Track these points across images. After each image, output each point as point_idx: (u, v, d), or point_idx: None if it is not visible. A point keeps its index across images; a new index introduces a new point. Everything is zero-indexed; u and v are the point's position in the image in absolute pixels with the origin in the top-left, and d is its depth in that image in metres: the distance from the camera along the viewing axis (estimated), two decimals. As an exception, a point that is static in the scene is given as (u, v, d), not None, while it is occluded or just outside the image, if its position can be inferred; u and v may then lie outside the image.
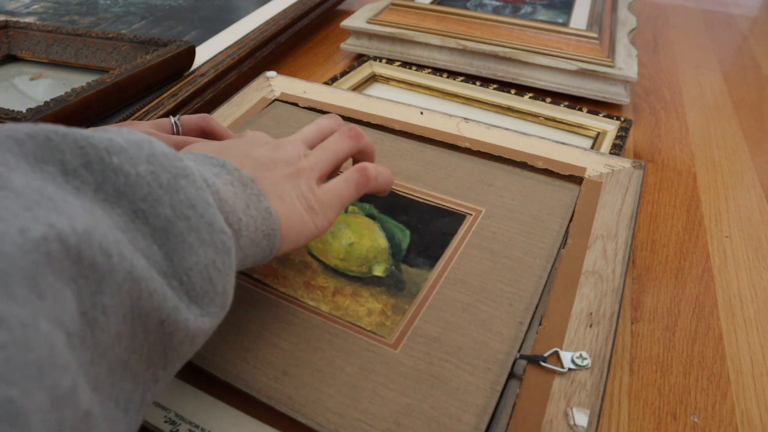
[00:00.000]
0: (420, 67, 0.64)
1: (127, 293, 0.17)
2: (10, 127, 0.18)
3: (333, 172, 0.33)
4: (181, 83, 0.54)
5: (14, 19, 0.64)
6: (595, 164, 0.42)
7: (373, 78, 0.64)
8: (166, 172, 0.21)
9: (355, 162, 0.35)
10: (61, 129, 0.19)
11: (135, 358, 0.18)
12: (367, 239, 0.36)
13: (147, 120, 0.48)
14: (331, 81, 0.59)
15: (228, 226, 0.22)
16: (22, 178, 0.16)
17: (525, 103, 0.58)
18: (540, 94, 0.59)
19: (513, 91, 0.59)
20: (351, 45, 0.70)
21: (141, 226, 0.20)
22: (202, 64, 0.58)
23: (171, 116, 0.38)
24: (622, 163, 0.42)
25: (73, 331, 0.15)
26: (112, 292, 0.17)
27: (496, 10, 0.71)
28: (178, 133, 0.38)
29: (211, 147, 0.29)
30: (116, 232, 0.18)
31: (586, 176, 0.41)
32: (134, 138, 0.21)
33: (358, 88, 0.60)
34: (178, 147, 0.36)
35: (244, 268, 0.25)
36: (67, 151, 0.19)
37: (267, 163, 0.28)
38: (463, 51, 0.64)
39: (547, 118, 0.56)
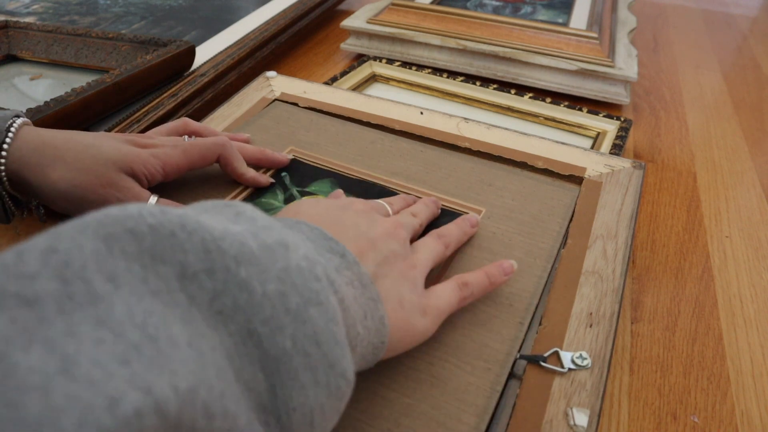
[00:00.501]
0: (420, 67, 0.64)
1: None
2: (133, 212, 0.16)
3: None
4: (181, 83, 0.54)
5: (14, 19, 0.64)
6: (595, 164, 0.42)
7: (373, 78, 0.64)
8: (297, 296, 0.18)
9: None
10: (190, 223, 0.17)
11: None
12: (367, 239, 0.36)
13: (145, 121, 0.48)
14: (331, 81, 0.59)
15: (349, 366, 0.19)
16: (126, 302, 0.14)
17: (525, 103, 0.58)
18: (540, 94, 0.59)
19: (513, 91, 0.59)
20: (351, 45, 0.70)
21: (252, 349, 0.17)
22: (202, 64, 0.58)
23: (186, 136, 0.39)
24: (622, 163, 0.42)
25: None
26: None
27: (496, 10, 0.71)
28: None
29: (321, 212, 0.27)
30: (223, 375, 0.16)
31: (586, 176, 0.41)
32: (269, 240, 0.19)
33: (358, 88, 0.60)
34: (193, 154, 0.37)
35: None
36: (191, 251, 0.17)
37: (388, 255, 0.26)
38: (463, 51, 0.64)
39: (547, 118, 0.56)
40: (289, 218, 0.24)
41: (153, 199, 0.34)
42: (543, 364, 0.28)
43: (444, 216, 0.37)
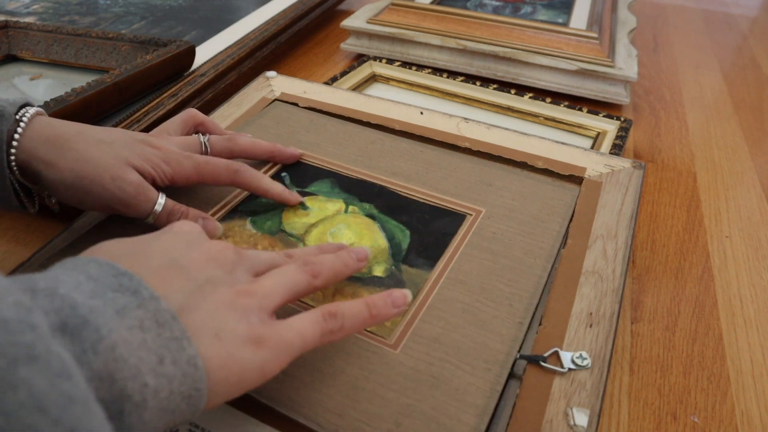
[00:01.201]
0: (420, 67, 0.64)
1: None
2: None
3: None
4: (181, 83, 0.54)
5: (14, 19, 0.64)
6: (595, 164, 0.42)
7: (373, 78, 0.64)
8: (0, 356, 0.14)
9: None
10: None
11: None
12: (367, 239, 0.36)
13: (145, 121, 0.48)
14: (331, 81, 0.59)
15: (111, 422, 0.17)
16: None
17: (525, 103, 0.58)
18: (540, 94, 0.59)
19: (513, 91, 0.59)
20: (351, 45, 0.70)
21: None
22: (202, 64, 0.58)
23: (200, 134, 0.39)
24: (622, 163, 0.42)
25: None
26: None
27: (496, 10, 0.71)
28: (206, 153, 0.38)
29: (126, 246, 0.23)
30: None
31: (586, 176, 0.41)
32: None
33: (358, 88, 0.60)
34: (205, 171, 0.36)
35: None
36: None
37: (202, 283, 0.22)
38: (463, 51, 0.64)
39: (547, 118, 0.56)
40: (79, 257, 0.21)
41: (162, 199, 0.34)
42: (543, 364, 0.28)
43: (443, 216, 0.37)
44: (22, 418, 0.14)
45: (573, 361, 0.28)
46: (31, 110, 0.33)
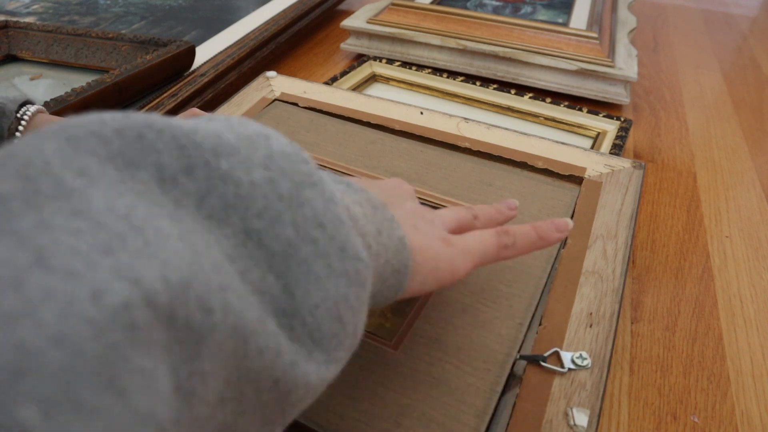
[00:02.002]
0: (420, 67, 0.64)
1: (231, 353, 0.14)
2: (94, 119, 0.15)
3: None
4: (181, 83, 0.54)
5: (14, 19, 0.64)
6: (595, 164, 0.42)
7: (373, 78, 0.64)
8: (287, 180, 0.17)
9: None
10: (158, 122, 0.15)
11: (245, 420, 0.15)
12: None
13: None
14: (331, 81, 0.59)
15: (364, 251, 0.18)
16: (105, 196, 0.13)
17: (525, 103, 0.58)
18: (540, 94, 0.59)
19: (513, 91, 0.59)
20: (351, 45, 0.70)
21: (255, 251, 0.16)
22: (202, 64, 0.58)
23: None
24: (622, 163, 0.42)
25: (166, 418, 0.12)
26: (212, 355, 0.13)
27: (496, 10, 0.71)
28: None
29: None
30: (222, 271, 0.14)
31: (586, 176, 0.41)
32: (247, 132, 0.17)
33: (358, 88, 0.60)
34: None
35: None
36: (164, 151, 0.15)
37: (394, 196, 0.26)
38: (463, 51, 0.64)
39: (547, 118, 0.56)
40: None
41: None
42: (543, 364, 0.28)
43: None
44: (308, 231, 0.16)
45: (573, 361, 0.28)
46: (32, 108, 0.33)
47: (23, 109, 0.33)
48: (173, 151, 0.15)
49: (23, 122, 0.32)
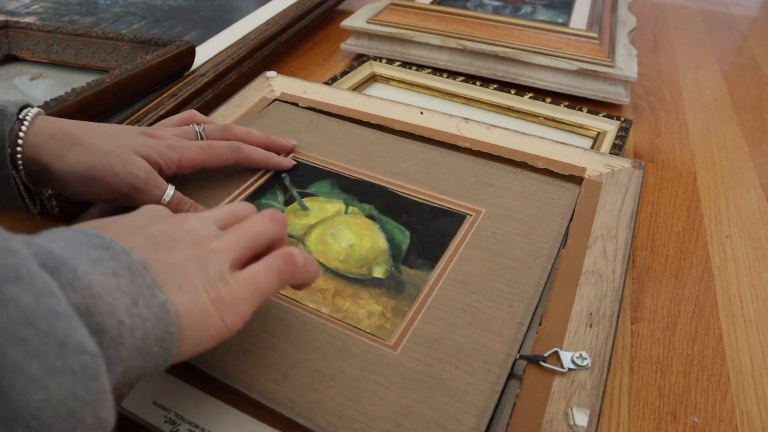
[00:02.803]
0: (420, 67, 0.64)
1: None
2: None
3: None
4: (181, 83, 0.54)
5: (14, 19, 0.64)
6: (595, 164, 0.42)
7: (373, 78, 0.64)
8: None
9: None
10: None
11: None
12: (367, 240, 0.36)
13: (145, 122, 0.48)
14: (331, 81, 0.59)
15: (94, 338, 0.17)
16: None
17: (525, 103, 0.58)
18: (540, 94, 0.59)
19: (513, 91, 0.59)
20: (351, 45, 0.70)
21: None
22: (202, 64, 0.58)
23: (195, 125, 0.40)
24: (622, 163, 0.42)
25: None
26: None
27: (496, 10, 0.71)
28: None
29: (95, 223, 0.24)
30: None
31: (586, 176, 0.41)
32: None
33: (358, 88, 0.60)
34: (209, 154, 0.38)
35: (127, 382, 0.20)
36: None
37: (165, 241, 0.23)
38: (463, 51, 0.64)
39: (547, 118, 0.56)
40: (59, 228, 0.22)
41: (171, 189, 0.35)
42: (543, 364, 0.28)
43: (443, 216, 0.37)
44: (13, 331, 0.15)
45: (573, 361, 0.28)
46: (33, 110, 0.34)
47: (24, 112, 0.33)
48: None
49: (26, 122, 0.33)
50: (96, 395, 0.16)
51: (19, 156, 0.32)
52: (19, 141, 0.32)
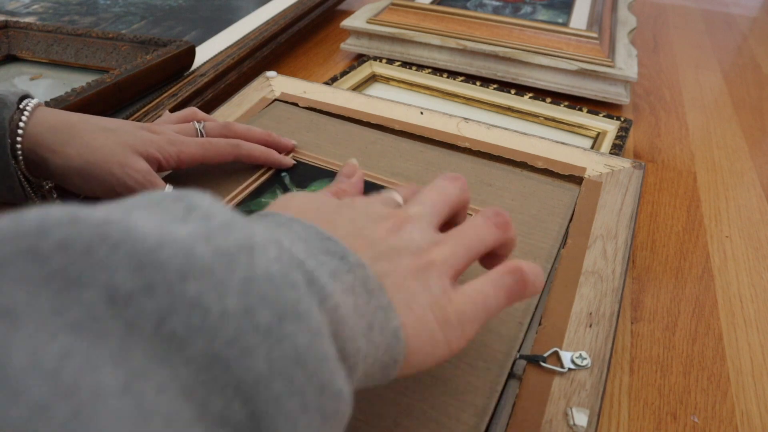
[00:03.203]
0: (420, 67, 0.64)
1: None
2: (32, 227, 0.12)
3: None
4: (181, 83, 0.54)
5: (14, 19, 0.64)
6: (595, 164, 0.42)
7: (373, 78, 0.64)
8: (268, 309, 0.15)
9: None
10: (114, 232, 0.13)
11: None
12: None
13: (145, 122, 0.48)
14: (331, 81, 0.59)
15: (345, 382, 0.16)
16: (32, 344, 0.11)
17: (525, 103, 0.58)
18: (540, 94, 0.59)
19: (513, 91, 0.59)
20: (351, 45, 0.70)
21: (220, 374, 0.13)
22: (202, 64, 0.58)
23: (196, 123, 0.40)
24: (622, 163, 0.42)
25: None
26: None
27: (496, 10, 0.71)
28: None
29: (315, 205, 0.23)
30: (176, 422, 0.12)
31: (586, 176, 0.41)
32: (227, 244, 0.15)
33: (358, 88, 0.60)
34: (209, 150, 0.37)
35: None
36: (118, 270, 0.13)
37: (387, 251, 0.22)
38: (463, 51, 0.64)
39: (547, 118, 0.56)
40: (279, 214, 0.21)
41: (168, 188, 0.35)
42: (543, 364, 0.28)
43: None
44: (283, 368, 0.14)
45: (573, 361, 0.28)
46: (33, 101, 0.34)
47: (24, 102, 0.33)
48: (129, 270, 0.13)
49: (26, 113, 0.33)
50: None
51: (18, 146, 0.32)
52: (19, 131, 0.32)
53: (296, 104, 0.49)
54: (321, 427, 0.15)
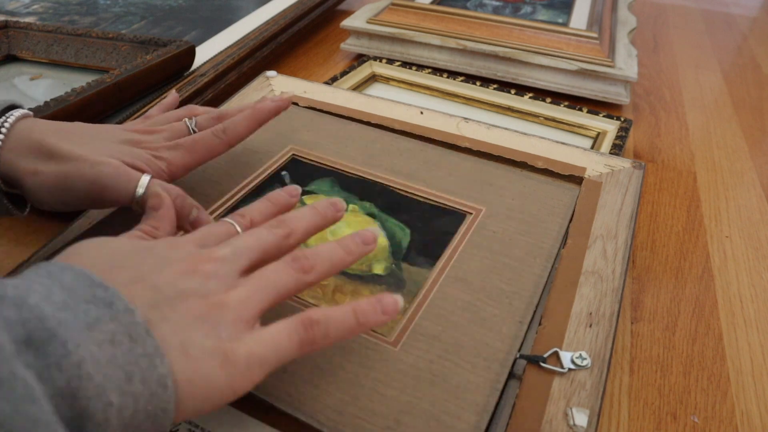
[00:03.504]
0: (420, 67, 0.64)
1: None
2: None
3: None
4: (181, 83, 0.54)
5: (14, 19, 0.64)
6: (595, 164, 0.42)
7: (373, 78, 0.64)
8: None
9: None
10: None
11: None
12: (367, 239, 0.36)
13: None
14: (331, 81, 0.59)
15: (75, 423, 0.17)
16: None
17: (525, 103, 0.58)
18: (540, 94, 0.59)
19: (513, 91, 0.59)
20: (351, 45, 0.70)
21: None
22: (202, 64, 0.58)
23: (187, 119, 0.37)
24: (622, 163, 0.42)
25: None
26: None
27: (496, 10, 0.71)
28: None
29: (103, 252, 0.23)
30: None
31: (586, 176, 0.41)
32: None
33: (358, 88, 0.60)
34: (197, 149, 0.35)
35: None
36: None
37: (172, 295, 0.21)
38: (463, 51, 0.64)
39: (547, 118, 0.56)
40: (57, 263, 0.20)
41: (145, 179, 0.31)
42: (543, 364, 0.28)
43: (443, 214, 0.37)
44: None
45: (573, 361, 0.28)
46: (12, 118, 0.31)
47: (2, 119, 0.31)
48: None
49: (3, 131, 0.30)
50: None
51: None
52: None
53: (296, 104, 0.49)
54: None
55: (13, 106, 0.32)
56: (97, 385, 0.17)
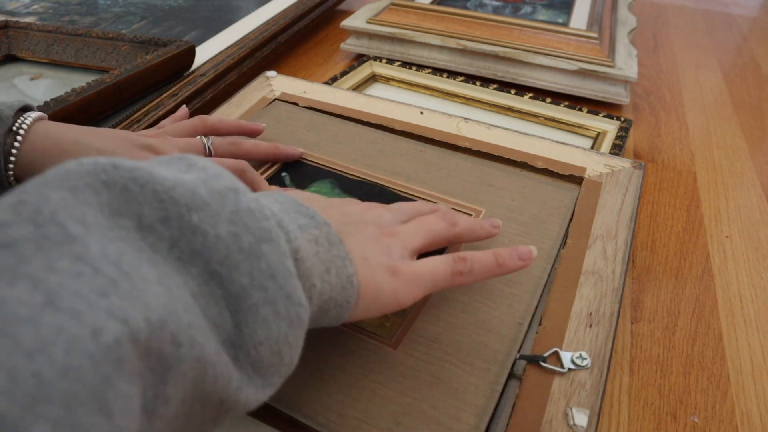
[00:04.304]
0: (420, 67, 0.64)
1: (192, 380, 0.16)
2: (88, 168, 0.17)
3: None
4: (181, 83, 0.54)
5: (14, 19, 0.64)
6: (595, 164, 0.42)
7: (373, 78, 0.64)
8: (249, 235, 0.19)
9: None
10: (141, 177, 0.18)
11: (187, 428, 0.18)
12: (367, 239, 0.36)
13: (145, 121, 0.48)
14: (331, 81, 0.59)
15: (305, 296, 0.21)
16: (99, 243, 0.15)
17: (525, 103, 0.58)
18: (540, 94, 0.59)
19: (513, 91, 0.59)
20: (351, 45, 0.70)
21: (215, 289, 0.18)
22: (202, 64, 0.58)
23: (203, 137, 0.38)
24: (622, 163, 0.42)
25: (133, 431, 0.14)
26: (176, 381, 0.16)
27: (496, 10, 0.71)
28: (209, 155, 0.38)
29: (298, 193, 0.28)
30: (190, 310, 0.17)
31: (586, 176, 0.41)
32: (219, 187, 0.19)
33: (358, 88, 0.60)
34: None
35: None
36: (145, 203, 0.17)
37: (356, 221, 0.27)
38: (463, 51, 0.64)
39: (547, 118, 0.56)
40: (266, 191, 0.25)
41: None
42: (543, 364, 0.28)
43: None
44: (260, 280, 0.19)
45: (573, 361, 0.28)
46: (29, 118, 0.32)
47: (20, 120, 0.32)
48: (153, 203, 0.18)
49: (19, 137, 0.31)
50: (298, 341, 0.20)
51: (11, 174, 0.31)
52: (12, 158, 0.31)
53: (296, 104, 0.49)
54: (288, 331, 0.19)
55: (27, 108, 0.33)
56: (307, 268, 0.21)
